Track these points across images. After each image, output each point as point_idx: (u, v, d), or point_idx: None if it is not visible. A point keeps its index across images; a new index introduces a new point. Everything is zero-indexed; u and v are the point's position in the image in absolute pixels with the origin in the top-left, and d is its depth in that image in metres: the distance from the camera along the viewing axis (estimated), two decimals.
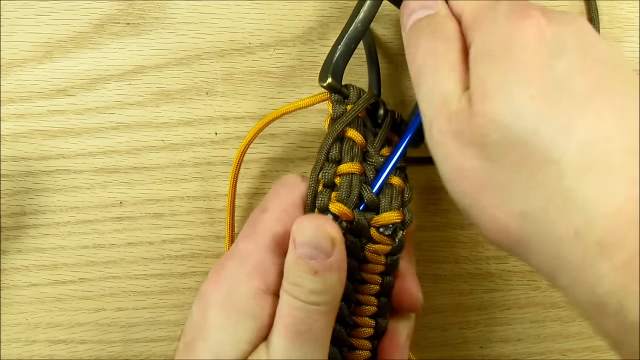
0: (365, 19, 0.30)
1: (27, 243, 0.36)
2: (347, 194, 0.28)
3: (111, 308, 0.36)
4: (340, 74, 0.29)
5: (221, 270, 0.27)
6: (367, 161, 0.29)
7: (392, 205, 0.28)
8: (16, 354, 0.36)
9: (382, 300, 0.30)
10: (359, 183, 0.28)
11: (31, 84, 0.36)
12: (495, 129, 0.23)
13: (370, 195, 0.28)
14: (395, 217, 0.28)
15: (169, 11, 0.36)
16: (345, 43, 0.30)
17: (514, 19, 0.24)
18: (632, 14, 0.37)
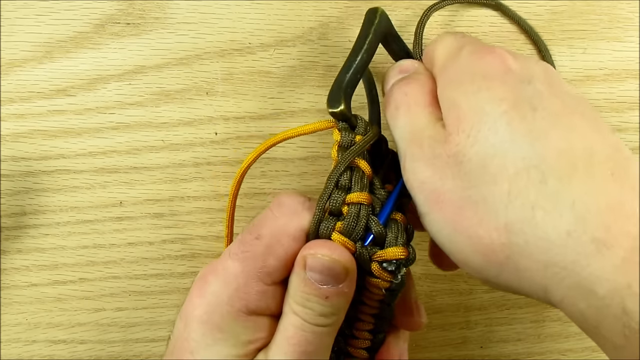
0: (369, 50, 0.30)
1: (27, 243, 0.36)
2: (354, 224, 0.27)
3: (111, 308, 0.36)
4: (349, 101, 0.29)
5: (204, 286, 0.27)
6: (373, 193, 0.28)
7: (397, 240, 0.27)
8: (16, 354, 0.36)
9: (379, 321, 0.30)
10: (367, 214, 0.28)
11: (31, 84, 0.36)
12: (471, 144, 0.23)
13: (378, 227, 0.27)
14: (400, 253, 0.27)
15: (169, 11, 0.36)
16: (353, 72, 0.29)
17: (480, 55, 0.26)
18: (632, 14, 0.37)
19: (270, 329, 0.27)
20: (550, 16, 0.36)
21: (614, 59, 0.37)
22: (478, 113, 0.24)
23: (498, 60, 0.25)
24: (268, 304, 0.26)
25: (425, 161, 0.25)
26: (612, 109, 0.36)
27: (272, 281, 0.26)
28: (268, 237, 0.26)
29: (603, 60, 0.36)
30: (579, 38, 0.36)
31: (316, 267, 0.25)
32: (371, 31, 0.30)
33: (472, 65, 0.26)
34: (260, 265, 0.26)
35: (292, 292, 0.26)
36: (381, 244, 0.28)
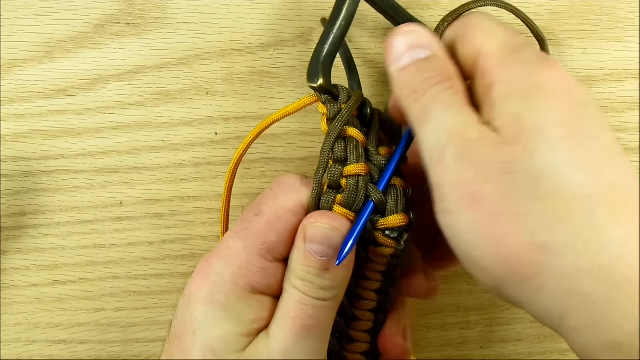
0: (347, 17, 0.29)
1: (27, 243, 0.36)
2: (354, 196, 0.28)
3: (111, 308, 0.36)
4: (329, 73, 0.29)
5: (208, 267, 0.27)
6: (370, 160, 0.29)
7: (398, 207, 0.28)
8: (16, 354, 0.36)
9: (381, 297, 0.30)
10: (365, 184, 0.28)
11: (31, 84, 0.36)
12: (527, 158, 0.23)
13: (378, 195, 0.28)
14: (401, 219, 0.28)
15: (169, 11, 0.36)
16: (331, 42, 0.29)
17: (544, 67, 0.25)
18: (632, 14, 0.37)
19: (273, 310, 0.27)
20: (550, 16, 0.36)
21: (614, 59, 0.37)
22: (539, 131, 0.23)
23: (560, 77, 0.25)
24: (270, 282, 0.27)
25: (472, 163, 0.24)
26: (612, 109, 0.36)
27: (274, 257, 0.27)
28: (268, 214, 0.27)
29: (603, 60, 0.36)
30: (579, 38, 0.36)
31: (316, 237, 0.26)
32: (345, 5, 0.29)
33: (536, 78, 0.25)
34: (262, 242, 0.27)
35: (293, 266, 0.26)
36: (382, 212, 0.28)
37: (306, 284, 0.26)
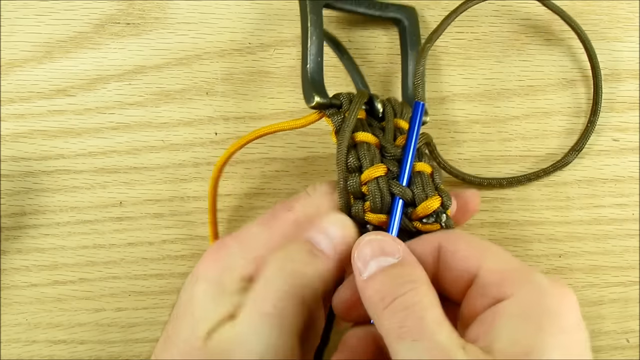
0: (316, 30, 0.30)
1: (27, 243, 0.36)
2: (379, 200, 0.28)
3: (111, 308, 0.36)
4: (322, 88, 0.30)
5: (222, 249, 0.27)
6: (385, 157, 0.29)
7: (426, 192, 0.28)
8: (16, 354, 0.36)
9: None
10: (387, 183, 0.28)
11: (31, 84, 0.36)
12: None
13: (400, 189, 0.28)
14: (432, 205, 0.28)
15: (169, 11, 0.36)
16: (312, 60, 0.30)
17: (558, 293, 0.24)
18: (632, 14, 0.37)
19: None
20: (551, 16, 0.36)
21: (614, 59, 0.37)
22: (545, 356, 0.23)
23: (573, 307, 0.24)
24: None
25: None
26: (612, 109, 0.36)
27: None
28: (299, 212, 0.28)
29: (603, 60, 0.36)
30: (579, 38, 0.36)
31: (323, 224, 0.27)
32: (307, 11, 0.30)
33: (550, 305, 0.24)
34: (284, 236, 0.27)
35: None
36: (414, 203, 0.28)
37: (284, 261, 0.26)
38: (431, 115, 0.36)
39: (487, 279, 0.25)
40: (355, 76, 0.34)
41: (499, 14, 0.37)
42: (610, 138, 0.36)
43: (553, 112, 0.36)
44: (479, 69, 0.36)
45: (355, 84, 0.34)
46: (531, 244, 0.36)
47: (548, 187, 0.36)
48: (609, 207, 0.36)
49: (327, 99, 0.29)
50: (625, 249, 0.36)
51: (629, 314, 0.36)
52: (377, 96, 0.31)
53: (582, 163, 0.36)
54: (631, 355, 0.36)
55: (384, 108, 0.30)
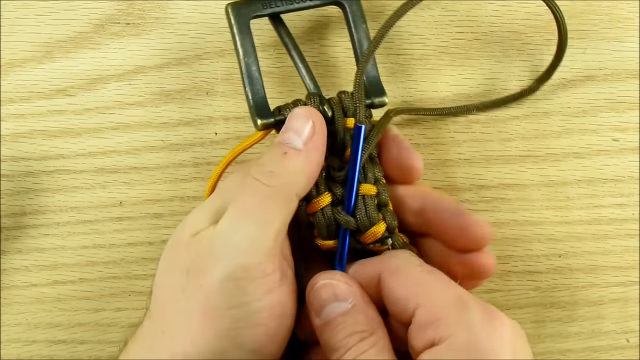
0: (245, 49, 0.31)
1: (27, 243, 0.36)
2: (325, 229, 0.29)
3: (111, 308, 0.36)
4: (265, 108, 0.30)
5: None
6: (331, 178, 0.29)
7: (370, 218, 0.28)
8: (16, 354, 0.36)
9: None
10: (332, 212, 0.28)
11: (31, 84, 0.36)
12: None
13: (345, 218, 0.28)
14: (377, 231, 0.28)
15: (169, 11, 0.36)
16: (249, 82, 0.30)
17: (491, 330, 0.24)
18: (632, 14, 0.37)
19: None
20: (551, 16, 0.36)
21: (614, 59, 0.37)
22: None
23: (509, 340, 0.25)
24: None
25: None
26: (612, 109, 0.36)
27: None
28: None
29: (603, 60, 0.36)
30: (579, 38, 0.36)
31: (290, 121, 0.28)
32: (234, 31, 0.31)
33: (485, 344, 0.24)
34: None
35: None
36: (358, 230, 0.28)
37: (259, 166, 0.27)
38: (431, 116, 0.36)
39: (422, 319, 0.25)
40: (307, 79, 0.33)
41: (499, 14, 0.37)
42: (610, 138, 0.36)
43: (553, 112, 0.36)
44: (479, 69, 0.36)
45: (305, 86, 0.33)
46: (531, 244, 0.36)
47: (548, 187, 0.36)
48: (609, 207, 0.36)
49: (271, 119, 0.30)
50: (625, 249, 0.36)
51: (629, 314, 0.36)
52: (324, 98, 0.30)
53: (582, 163, 0.36)
54: (631, 355, 0.36)
55: (333, 109, 0.30)
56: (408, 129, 0.36)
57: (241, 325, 0.25)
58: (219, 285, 0.25)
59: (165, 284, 0.27)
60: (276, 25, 0.33)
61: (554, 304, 0.36)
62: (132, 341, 0.27)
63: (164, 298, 0.27)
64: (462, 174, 0.36)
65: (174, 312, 0.26)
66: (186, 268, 0.26)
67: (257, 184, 0.26)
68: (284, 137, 0.28)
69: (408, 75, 0.36)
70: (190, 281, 0.26)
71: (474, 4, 0.36)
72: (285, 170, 0.27)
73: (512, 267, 0.36)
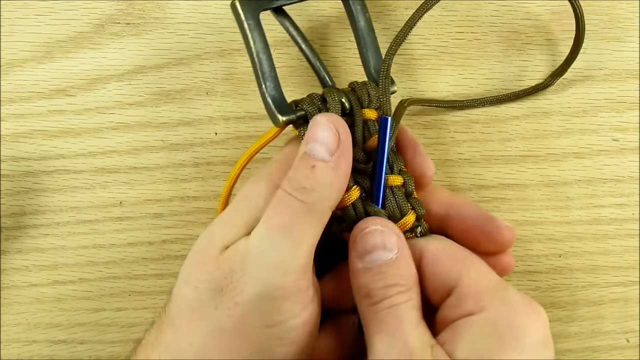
0: (260, 46, 0.30)
1: (27, 243, 0.36)
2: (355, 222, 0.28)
3: (111, 308, 0.36)
4: (284, 104, 0.29)
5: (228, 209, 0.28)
6: (356, 169, 0.29)
7: (400, 209, 0.28)
8: (16, 354, 0.36)
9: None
10: (362, 205, 0.28)
11: (31, 84, 0.36)
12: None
13: (375, 210, 0.28)
14: (409, 222, 0.28)
15: (169, 11, 0.36)
16: (266, 78, 0.30)
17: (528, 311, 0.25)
18: (632, 14, 0.37)
19: None
20: (550, 16, 0.36)
21: (614, 59, 0.37)
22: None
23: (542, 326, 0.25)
24: None
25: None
26: (612, 109, 0.36)
27: None
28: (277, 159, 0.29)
29: (603, 60, 0.36)
30: None
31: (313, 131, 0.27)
32: (245, 27, 0.30)
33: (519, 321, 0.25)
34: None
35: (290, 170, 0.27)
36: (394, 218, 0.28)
37: (290, 181, 0.26)
38: (431, 115, 0.36)
39: (464, 291, 0.25)
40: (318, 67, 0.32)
41: (499, 14, 0.37)
42: (610, 138, 0.36)
43: (553, 112, 0.36)
44: (479, 69, 0.36)
45: (320, 81, 0.33)
46: (531, 244, 0.36)
47: (548, 187, 0.36)
48: (609, 207, 0.36)
49: (293, 115, 0.29)
50: (625, 249, 0.36)
51: (629, 314, 0.36)
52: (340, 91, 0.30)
53: (582, 163, 0.36)
54: (631, 355, 0.36)
55: (350, 102, 0.29)
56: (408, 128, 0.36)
57: (277, 343, 0.25)
58: (256, 304, 0.25)
59: (192, 298, 0.26)
60: (281, 20, 0.33)
61: (554, 304, 0.37)
62: (150, 347, 0.27)
63: (191, 311, 0.26)
64: (462, 174, 0.36)
65: (204, 326, 0.26)
66: (219, 285, 0.26)
67: (290, 200, 0.26)
68: (308, 147, 0.27)
69: (408, 75, 0.36)
70: (224, 298, 0.25)
71: (474, 4, 0.36)
72: (318, 186, 0.26)
73: None
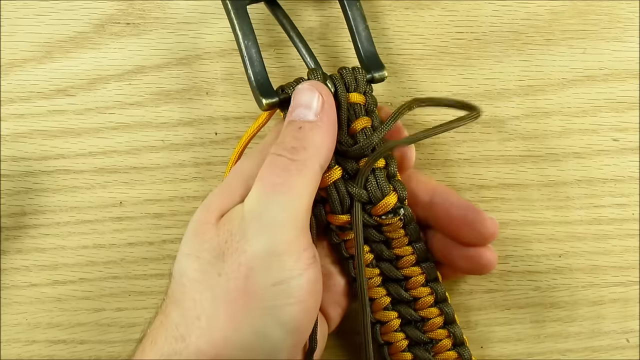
0: (245, 33, 0.30)
1: (27, 243, 0.36)
2: (339, 203, 0.29)
3: (111, 308, 0.36)
4: (269, 88, 0.30)
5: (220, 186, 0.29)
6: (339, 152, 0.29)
7: (381, 189, 0.29)
8: (16, 354, 0.36)
9: (426, 265, 0.31)
10: (344, 185, 0.29)
11: (31, 84, 0.36)
12: None
13: (359, 191, 0.29)
14: (389, 202, 0.29)
15: (169, 11, 0.36)
16: (250, 63, 0.30)
17: None
18: (632, 14, 0.37)
19: None
20: (550, 16, 0.36)
21: (614, 59, 0.37)
22: None
23: None
24: None
25: None
26: (612, 109, 0.36)
27: None
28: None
29: (603, 60, 0.36)
30: (579, 38, 0.36)
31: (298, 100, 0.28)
32: (232, 15, 0.30)
33: None
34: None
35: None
36: (370, 201, 0.29)
37: (280, 144, 0.27)
38: (431, 115, 0.36)
39: None
40: (304, 54, 0.33)
41: (499, 14, 0.37)
42: (610, 138, 0.36)
43: (553, 112, 0.36)
44: (479, 69, 0.36)
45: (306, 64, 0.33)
46: (531, 244, 0.36)
47: (548, 187, 0.36)
48: (609, 207, 0.36)
49: (276, 98, 0.30)
50: (625, 249, 0.36)
51: (629, 314, 0.36)
52: (327, 74, 0.30)
53: (582, 163, 0.36)
54: (631, 355, 0.36)
55: (335, 86, 0.30)
56: (408, 128, 0.36)
57: (284, 302, 0.25)
58: (260, 261, 0.25)
59: (194, 270, 0.26)
60: (273, 9, 0.33)
61: (554, 304, 0.37)
62: (156, 331, 0.27)
63: (195, 284, 0.26)
64: (462, 174, 0.36)
65: (210, 297, 0.25)
66: (220, 250, 0.26)
67: (282, 160, 0.26)
68: (294, 113, 0.28)
69: (408, 75, 0.36)
70: (226, 263, 0.25)
71: (474, 4, 0.36)
72: (307, 144, 0.27)
73: (512, 267, 0.36)
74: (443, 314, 0.31)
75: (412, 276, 0.31)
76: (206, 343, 0.25)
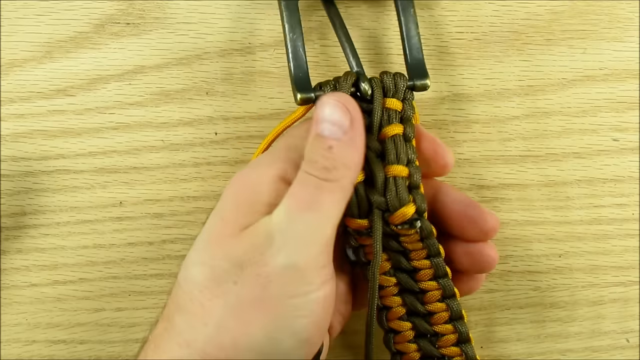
0: (292, 26, 0.31)
1: (27, 243, 0.36)
2: (356, 207, 0.28)
3: (111, 308, 0.36)
4: (306, 84, 0.30)
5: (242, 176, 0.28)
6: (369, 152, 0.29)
7: (399, 199, 0.28)
8: (16, 354, 0.36)
9: (442, 282, 0.30)
10: (364, 190, 0.28)
11: (31, 84, 0.36)
12: None
13: (378, 198, 0.28)
14: (407, 213, 0.28)
15: (169, 11, 0.36)
16: (293, 56, 0.31)
17: None
18: (632, 14, 0.37)
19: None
20: (550, 16, 0.36)
21: (614, 59, 0.37)
22: None
23: None
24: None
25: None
26: (612, 109, 0.36)
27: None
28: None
29: (603, 60, 0.36)
30: (579, 38, 0.36)
31: (323, 116, 0.27)
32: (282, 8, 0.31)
33: None
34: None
35: (305, 152, 0.27)
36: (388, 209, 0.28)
37: (312, 164, 0.26)
38: (431, 115, 0.36)
39: None
40: (348, 54, 0.33)
41: (499, 14, 0.37)
42: (610, 138, 0.36)
43: (553, 112, 0.36)
44: (479, 69, 0.36)
45: (349, 64, 0.33)
46: (531, 244, 0.36)
47: (548, 187, 0.36)
48: (609, 207, 0.36)
49: (311, 94, 0.30)
50: (625, 249, 0.36)
51: (629, 314, 0.36)
52: (366, 76, 0.30)
53: (582, 163, 0.36)
54: (631, 355, 0.36)
55: (372, 88, 0.29)
56: None
57: (296, 314, 0.25)
58: (279, 275, 0.25)
59: (205, 278, 0.26)
60: (327, 6, 0.34)
61: (554, 304, 0.37)
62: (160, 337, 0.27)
63: (205, 291, 0.26)
64: (462, 174, 0.36)
65: (221, 303, 0.25)
66: (239, 260, 0.25)
67: (313, 179, 0.26)
68: (321, 127, 0.27)
69: None
70: (244, 272, 0.25)
71: (474, 4, 0.36)
72: (337, 164, 0.26)
73: (512, 267, 0.36)
74: (457, 332, 0.30)
75: (428, 290, 0.30)
76: (213, 347, 0.25)
